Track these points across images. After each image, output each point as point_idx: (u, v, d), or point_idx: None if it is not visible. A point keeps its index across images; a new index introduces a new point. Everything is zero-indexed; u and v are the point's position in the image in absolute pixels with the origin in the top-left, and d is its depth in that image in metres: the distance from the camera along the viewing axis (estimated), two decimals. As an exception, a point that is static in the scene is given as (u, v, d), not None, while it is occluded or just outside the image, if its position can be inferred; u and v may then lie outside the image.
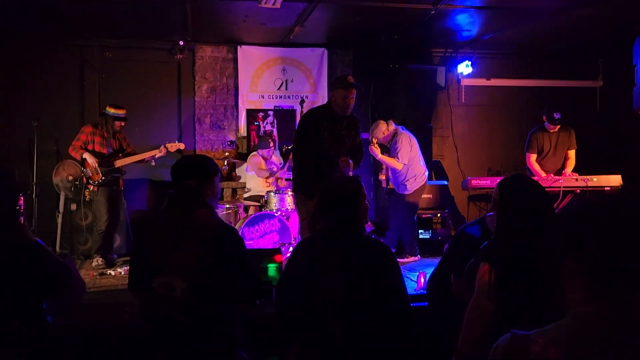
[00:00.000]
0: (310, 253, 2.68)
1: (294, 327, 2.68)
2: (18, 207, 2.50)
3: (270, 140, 7.08)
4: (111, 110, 6.13)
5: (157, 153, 6.21)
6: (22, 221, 2.61)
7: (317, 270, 2.59)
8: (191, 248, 2.57)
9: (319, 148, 4.64)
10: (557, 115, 6.16)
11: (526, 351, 1.13)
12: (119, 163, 6.11)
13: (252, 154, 7.13)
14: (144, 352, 2.68)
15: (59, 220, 6.62)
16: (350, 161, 4.66)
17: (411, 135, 6.16)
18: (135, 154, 6.25)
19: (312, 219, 2.80)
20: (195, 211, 2.65)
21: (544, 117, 6.30)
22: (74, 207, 6.58)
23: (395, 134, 6.14)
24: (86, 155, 5.94)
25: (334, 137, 4.69)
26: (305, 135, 4.73)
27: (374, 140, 6.06)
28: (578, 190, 6.10)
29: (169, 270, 2.57)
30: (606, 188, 6.09)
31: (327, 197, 2.75)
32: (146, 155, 6.23)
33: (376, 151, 6.01)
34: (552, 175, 6.20)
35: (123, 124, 6.19)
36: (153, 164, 6.41)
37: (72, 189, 6.41)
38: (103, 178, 6.00)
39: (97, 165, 5.96)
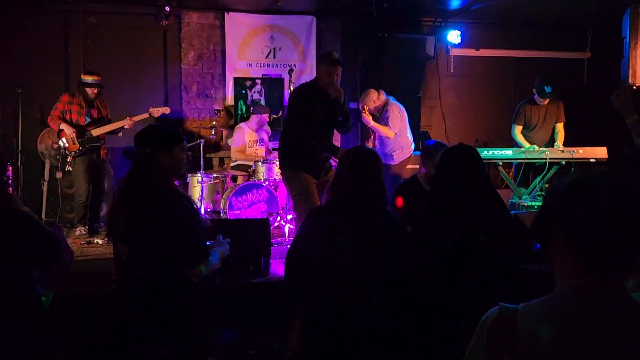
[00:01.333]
0: (326, 221, 2.67)
1: (302, 295, 2.67)
2: (6, 178, 2.49)
3: (265, 105, 6.92)
4: (83, 77, 5.95)
5: (125, 124, 5.97)
6: (10, 191, 2.60)
7: (331, 239, 2.57)
8: (134, 214, 2.55)
9: (313, 125, 4.56)
10: (548, 89, 6.19)
11: (514, 325, 1.14)
12: (96, 132, 5.95)
13: (237, 126, 6.89)
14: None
15: (45, 188, 6.57)
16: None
17: (401, 107, 6.15)
18: (111, 122, 6.05)
19: (332, 185, 2.79)
20: (146, 178, 2.59)
21: (535, 91, 6.32)
22: (59, 175, 6.50)
23: (385, 104, 6.12)
24: (63, 126, 5.80)
25: (324, 113, 4.63)
26: (298, 111, 4.61)
27: (366, 108, 6.02)
28: (564, 162, 6.15)
29: (118, 237, 2.62)
30: (592, 160, 6.13)
31: (351, 166, 2.73)
32: (117, 125, 5.99)
33: (368, 118, 5.99)
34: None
35: (96, 90, 5.94)
36: (120, 135, 6.15)
37: (57, 156, 6.30)
38: (80, 148, 5.90)
39: (74, 136, 5.83)
